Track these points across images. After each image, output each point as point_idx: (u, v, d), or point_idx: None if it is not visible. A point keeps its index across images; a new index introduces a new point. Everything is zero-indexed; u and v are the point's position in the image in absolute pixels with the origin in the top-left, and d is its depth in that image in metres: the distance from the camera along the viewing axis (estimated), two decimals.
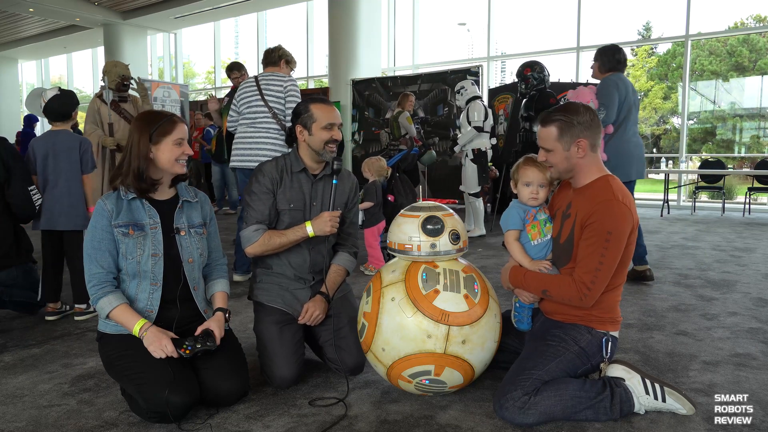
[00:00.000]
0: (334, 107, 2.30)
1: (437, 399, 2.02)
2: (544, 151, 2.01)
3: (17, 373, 2.33)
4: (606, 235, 1.84)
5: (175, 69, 15.65)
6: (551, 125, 1.97)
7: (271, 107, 3.75)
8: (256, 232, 2.20)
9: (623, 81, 3.89)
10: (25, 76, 20.88)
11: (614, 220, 1.85)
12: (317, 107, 2.24)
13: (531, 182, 2.04)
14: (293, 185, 2.26)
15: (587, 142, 1.94)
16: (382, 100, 9.47)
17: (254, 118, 3.76)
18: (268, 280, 2.29)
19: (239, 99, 3.85)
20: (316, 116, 2.22)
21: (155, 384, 1.77)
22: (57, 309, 3.14)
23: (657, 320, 2.99)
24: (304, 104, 2.26)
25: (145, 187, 1.96)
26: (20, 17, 14.40)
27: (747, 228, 6.62)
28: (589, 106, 2.01)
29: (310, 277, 2.31)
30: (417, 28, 11.44)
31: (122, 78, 4.11)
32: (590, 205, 1.90)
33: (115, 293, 1.90)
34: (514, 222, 2.07)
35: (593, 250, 1.85)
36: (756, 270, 4.24)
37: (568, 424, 1.82)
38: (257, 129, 3.75)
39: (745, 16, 17.37)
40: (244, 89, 3.85)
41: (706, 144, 16.98)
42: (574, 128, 1.94)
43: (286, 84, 3.79)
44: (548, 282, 1.97)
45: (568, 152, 1.95)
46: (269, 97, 3.76)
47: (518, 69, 5.33)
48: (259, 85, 3.78)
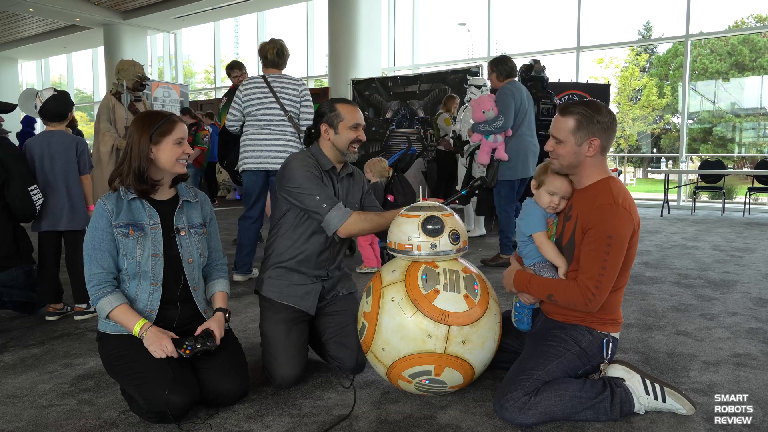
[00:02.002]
0: (359, 108, 2.32)
1: (437, 399, 2.02)
2: (554, 141, 1.97)
3: (17, 373, 2.33)
4: (606, 239, 1.83)
5: (175, 69, 15.66)
6: (570, 117, 1.93)
7: (287, 110, 3.76)
8: (344, 210, 2.14)
9: (518, 88, 4.30)
10: (25, 76, 20.89)
11: (614, 225, 1.83)
12: (344, 107, 2.25)
13: (556, 193, 2.02)
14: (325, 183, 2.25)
15: (600, 142, 1.92)
16: (382, 100, 9.46)
17: (269, 120, 3.74)
18: (280, 275, 2.26)
19: (247, 99, 3.79)
20: (344, 115, 2.23)
21: (155, 384, 1.77)
22: (58, 309, 3.14)
23: (657, 320, 2.99)
24: (330, 104, 2.27)
25: (145, 188, 1.96)
26: (20, 17, 14.40)
27: (747, 228, 6.62)
28: (611, 109, 2.00)
29: (325, 273, 2.32)
30: (417, 28, 11.44)
31: (140, 78, 4.08)
32: (590, 208, 1.89)
33: (115, 293, 1.90)
34: (540, 223, 2.04)
35: (595, 255, 1.85)
36: (756, 270, 4.24)
37: (568, 424, 1.82)
38: (273, 131, 3.74)
39: (746, 15, 17.37)
40: (253, 89, 3.79)
41: (704, 144, 16.98)
42: (593, 126, 1.91)
43: (301, 89, 3.85)
44: (554, 287, 1.95)
45: (579, 148, 1.93)
46: (285, 101, 3.77)
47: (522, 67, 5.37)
48: (272, 87, 3.76)
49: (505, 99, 4.20)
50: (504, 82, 4.31)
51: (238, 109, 3.85)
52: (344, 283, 2.40)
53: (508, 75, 4.31)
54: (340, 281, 2.39)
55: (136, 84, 4.08)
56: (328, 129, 2.25)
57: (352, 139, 2.24)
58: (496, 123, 4.23)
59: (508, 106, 4.19)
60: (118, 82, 4.11)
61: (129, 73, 4.07)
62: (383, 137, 9.42)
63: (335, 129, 2.24)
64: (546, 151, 2.03)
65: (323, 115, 2.26)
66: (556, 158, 1.99)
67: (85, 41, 16.39)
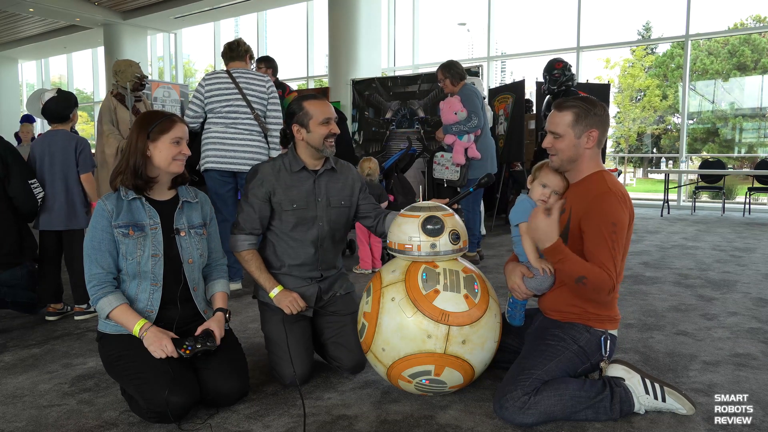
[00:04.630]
0: (327, 101, 2.29)
1: (437, 399, 2.02)
2: (553, 136, 1.98)
3: (17, 373, 2.33)
4: (611, 226, 1.85)
5: (175, 69, 15.65)
6: (567, 111, 1.96)
7: (254, 108, 3.57)
8: (244, 242, 2.22)
9: (477, 90, 4.46)
10: (25, 76, 20.87)
11: (614, 211, 1.86)
12: (311, 104, 2.22)
13: (548, 185, 2.03)
14: (294, 185, 2.24)
15: (598, 134, 1.95)
16: (382, 100, 9.46)
17: (235, 118, 3.53)
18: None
19: (210, 94, 3.55)
20: (312, 113, 2.20)
21: (155, 384, 1.77)
22: (59, 310, 3.14)
23: (657, 320, 2.99)
24: (298, 103, 2.24)
25: (141, 184, 1.96)
26: (20, 17, 14.39)
27: (747, 228, 6.62)
28: (603, 104, 2.01)
29: (318, 274, 2.31)
30: (417, 28, 11.44)
31: (139, 78, 4.04)
32: (585, 199, 1.91)
33: (115, 293, 1.90)
34: (526, 214, 2.03)
35: (601, 241, 1.85)
36: (756, 270, 4.23)
37: (568, 424, 1.82)
38: (239, 131, 3.53)
39: (745, 16, 17.38)
40: (216, 84, 3.56)
41: (707, 144, 16.97)
42: (590, 118, 1.94)
43: (269, 86, 3.67)
44: (587, 269, 1.85)
45: (578, 140, 1.95)
46: (252, 98, 3.57)
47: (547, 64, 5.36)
48: (237, 83, 3.55)
49: (473, 100, 4.33)
50: (459, 85, 4.44)
51: (200, 105, 3.59)
52: (341, 282, 2.40)
53: (461, 78, 4.45)
54: (337, 281, 2.38)
55: (135, 85, 4.05)
56: (299, 129, 2.22)
57: (325, 135, 2.20)
58: (470, 123, 4.33)
59: (477, 106, 4.33)
60: (117, 83, 4.06)
61: (127, 74, 4.00)
62: (383, 137, 9.41)
63: (306, 128, 2.21)
64: (544, 148, 2.04)
65: (293, 115, 2.23)
66: (555, 154, 2.00)
67: (85, 41, 16.37)
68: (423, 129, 8.75)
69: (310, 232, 2.25)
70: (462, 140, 4.38)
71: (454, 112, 4.34)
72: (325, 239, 2.29)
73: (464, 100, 4.34)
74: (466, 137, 4.38)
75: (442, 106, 4.47)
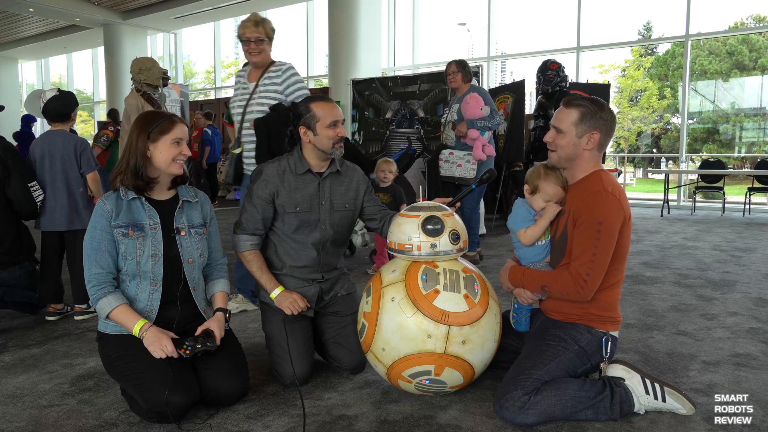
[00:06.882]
0: (335, 104, 2.26)
1: (437, 399, 2.02)
2: (555, 131, 1.99)
3: (17, 373, 2.33)
4: (596, 225, 1.85)
5: (175, 69, 15.65)
6: (575, 108, 1.95)
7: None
8: (246, 243, 2.23)
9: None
10: (25, 76, 20.89)
11: (603, 211, 1.85)
12: (319, 105, 2.18)
13: (551, 200, 2.02)
14: (298, 187, 2.21)
15: (599, 137, 1.95)
16: (382, 100, 9.46)
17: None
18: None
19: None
20: (320, 115, 2.17)
21: (155, 384, 1.77)
22: (59, 310, 3.14)
23: (657, 320, 2.99)
24: (305, 104, 2.21)
25: (141, 184, 1.95)
26: (20, 17, 14.39)
27: (747, 228, 6.62)
28: (612, 110, 2.02)
29: (320, 276, 2.31)
30: (417, 28, 11.43)
31: (164, 76, 4.06)
32: (580, 198, 1.92)
33: (115, 294, 1.90)
34: (525, 220, 2.06)
35: (585, 241, 1.86)
36: (756, 270, 4.24)
37: (568, 424, 1.82)
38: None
39: (745, 16, 17.38)
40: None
41: (709, 144, 16.97)
42: (595, 120, 1.94)
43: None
44: (546, 277, 1.97)
45: (579, 140, 1.95)
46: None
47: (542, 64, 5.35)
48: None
49: (490, 98, 4.41)
50: (468, 84, 4.48)
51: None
52: (343, 283, 2.39)
53: (470, 79, 4.52)
54: (338, 281, 2.38)
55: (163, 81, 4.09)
56: (306, 131, 2.19)
57: (332, 138, 2.17)
58: (494, 120, 4.34)
59: (494, 106, 4.40)
60: (142, 81, 3.88)
61: (154, 71, 3.90)
62: (383, 137, 9.41)
63: (314, 131, 2.17)
64: (545, 142, 2.04)
65: (300, 117, 2.20)
66: (554, 149, 2.00)
67: (85, 41, 16.37)
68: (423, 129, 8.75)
69: (312, 235, 2.24)
70: (484, 136, 4.40)
71: (480, 107, 4.33)
72: (328, 242, 2.28)
73: (485, 98, 4.37)
74: (487, 134, 4.41)
75: (468, 100, 4.39)
